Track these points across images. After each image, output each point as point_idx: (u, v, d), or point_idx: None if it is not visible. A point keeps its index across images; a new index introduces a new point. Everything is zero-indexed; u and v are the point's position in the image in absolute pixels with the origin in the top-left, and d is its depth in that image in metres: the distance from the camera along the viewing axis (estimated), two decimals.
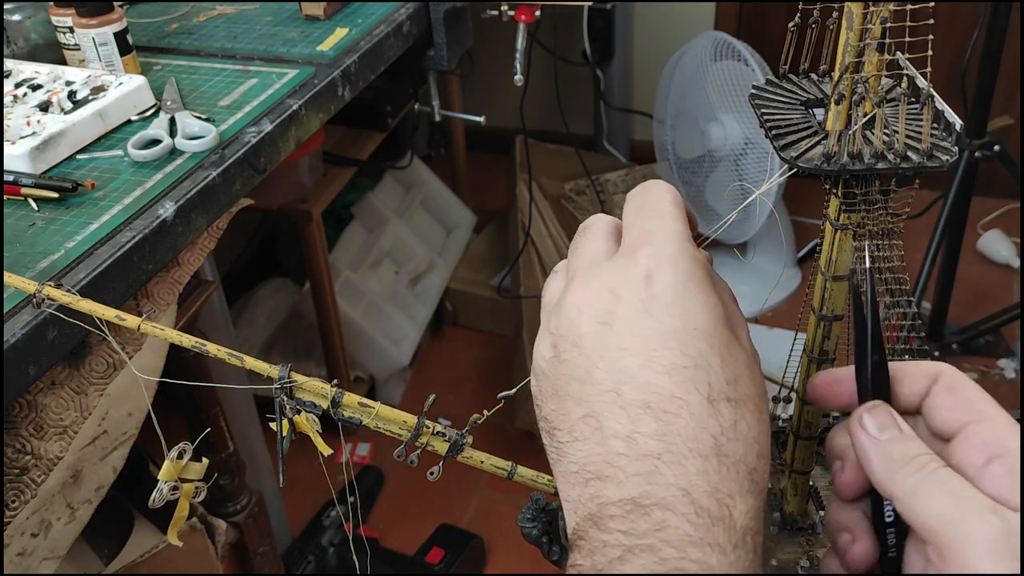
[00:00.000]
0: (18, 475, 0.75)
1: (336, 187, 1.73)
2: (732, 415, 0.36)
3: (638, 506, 0.35)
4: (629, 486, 0.36)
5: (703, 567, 0.34)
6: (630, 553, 0.34)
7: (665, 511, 0.35)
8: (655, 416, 0.36)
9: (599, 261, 0.41)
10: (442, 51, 1.31)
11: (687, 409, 0.36)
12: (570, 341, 0.39)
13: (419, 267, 2.17)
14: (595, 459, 0.37)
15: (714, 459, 0.36)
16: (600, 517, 0.36)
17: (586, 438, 0.38)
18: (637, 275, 0.38)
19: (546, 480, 0.48)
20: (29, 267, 0.75)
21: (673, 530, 0.34)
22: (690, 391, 0.36)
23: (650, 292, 0.38)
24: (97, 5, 0.99)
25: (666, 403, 0.36)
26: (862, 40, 0.40)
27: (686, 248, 0.39)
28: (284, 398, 0.45)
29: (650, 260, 0.39)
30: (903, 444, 0.37)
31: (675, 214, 0.41)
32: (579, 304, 0.39)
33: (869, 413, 0.39)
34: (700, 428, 0.36)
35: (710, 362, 0.37)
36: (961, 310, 2.05)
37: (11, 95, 0.96)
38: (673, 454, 0.36)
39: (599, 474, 0.37)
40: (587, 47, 2.28)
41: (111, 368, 0.80)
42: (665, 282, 0.38)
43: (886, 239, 0.45)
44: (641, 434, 0.36)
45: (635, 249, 0.39)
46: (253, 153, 0.93)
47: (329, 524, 1.71)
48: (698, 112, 1.97)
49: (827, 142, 0.42)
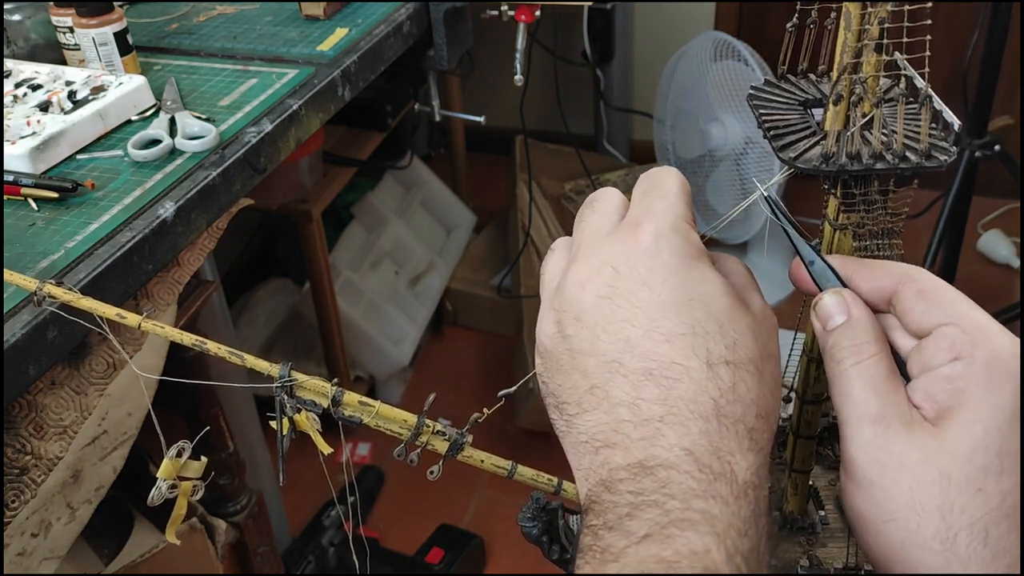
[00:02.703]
0: (18, 475, 0.75)
1: (336, 187, 1.73)
2: (731, 378, 0.38)
3: (644, 468, 0.37)
4: (635, 450, 0.37)
5: (706, 516, 0.35)
6: (637, 509, 0.36)
7: (669, 470, 0.36)
8: (656, 382, 0.38)
9: (601, 236, 0.42)
10: (442, 51, 1.31)
11: (687, 374, 0.38)
12: (573, 316, 0.40)
13: (419, 267, 2.17)
14: (603, 428, 0.39)
15: (714, 420, 0.37)
16: (611, 481, 0.37)
17: (594, 408, 0.39)
18: (637, 249, 0.40)
19: (546, 479, 0.48)
20: (29, 267, 0.75)
21: (677, 486, 0.36)
22: (689, 356, 0.38)
23: (648, 266, 0.39)
24: (97, 5, 0.99)
25: (667, 369, 0.38)
26: (860, 40, 0.40)
27: (683, 227, 0.41)
28: (285, 397, 0.45)
29: (649, 235, 0.40)
30: (838, 334, 0.41)
31: (679, 196, 0.42)
32: (581, 279, 0.41)
33: (822, 303, 0.42)
34: (700, 391, 0.37)
35: (707, 328, 0.38)
36: None
37: (11, 95, 0.96)
38: (675, 416, 0.37)
39: (607, 441, 0.38)
40: (587, 47, 2.28)
41: (111, 368, 0.80)
42: (663, 257, 0.39)
43: (886, 239, 0.45)
44: (644, 400, 0.38)
45: (636, 224, 0.41)
46: (253, 153, 0.93)
47: (329, 524, 1.71)
48: (698, 112, 1.97)
49: (825, 142, 0.42)
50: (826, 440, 0.57)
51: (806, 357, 0.49)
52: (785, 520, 0.53)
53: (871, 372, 0.39)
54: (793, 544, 0.53)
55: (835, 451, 0.57)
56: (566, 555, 0.52)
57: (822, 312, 0.42)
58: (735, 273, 0.43)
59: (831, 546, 0.52)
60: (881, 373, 0.39)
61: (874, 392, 0.39)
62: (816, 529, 0.53)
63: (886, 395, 0.38)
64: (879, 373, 0.39)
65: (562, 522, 0.52)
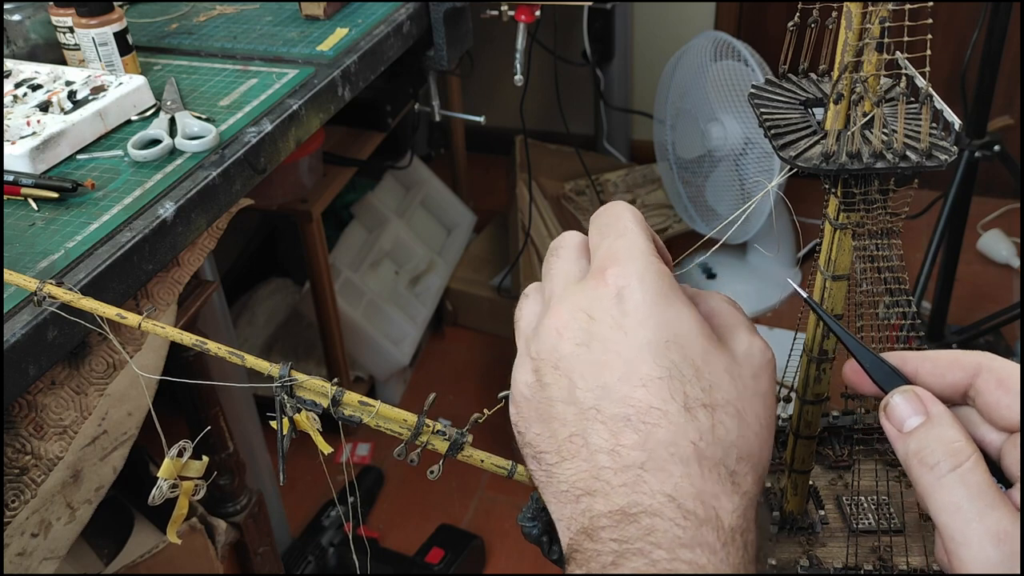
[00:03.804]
0: (18, 475, 0.75)
1: (336, 187, 1.73)
2: (709, 420, 0.37)
3: (626, 515, 0.36)
4: (616, 497, 0.37)
5: (694, 567, 0.34)
6: (622, 558, 0.35)
7: (652, 517, 0.36)
8: (635, 428, 0.37)
9: (572, 282, 0.42)
10: (442, 51, 1.31)
11: (666, 418, 0.37)
12: (551, 364, 0.40)
13: (419, 267, 2.17)
14: (583, 475, 0.38)
15: (695, 463, 0.37)
16: (592, 529, 0.37)
17: (573, 456, 0.39)
18: (608, 294, 0.39)
19: None
20: (29, 267, 0.75)
21: (662, 534, 0.35)
22: (667, 400, 0.37)
23: (622, 309, 0.39)
24: (97, 5, 0.99)
25: (644, 414, 0.37)
26: (861, 40, 0.40)
27: (651, 263, 0.40)
28: (285, 397, 0.45)
29: (618, 279, 0.40)
30: (921, 437, 0.38)
31: (637, 231, 0.42)
32: (557, 327, 0.40)
33: (891, 404, 0.39)
34: (680, 435, 0.37)
35: (683, 372, 0.38)
36: (961, 310, 2.05)
37: (11, 95, 0.96)
38: (655, 461, 0.37)
39: (588, 489, 0.38)
40: (587, 47, 2.28)
41: (111, 368, 0.80)
42: (635, 299, 0.39)
43: (885, 238, 0.45)
44: (623, 446, 0.37)
45: (603, 269, 0.40)
46: (253, 153, 0.93)
47: (329, 524, 1.71)
48: (698, 112, 1.97)
49: (826, 142, 0.42)
50: (826, 440, 0.57)
51: (806, 357, 0.49)
52: (785, 520, 0.53)
53: (976, 479, 0.36)
54: (793, 544, 0.53)
55: (835, 451, 0.57)
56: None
57: (894, 414, 0.39)
58: (719, 313, 0.42)
59: (831, 546, 0.52)
60: (985, 478, 0.36)
61: (988, 504, 0.35)
62: (816, 529, 0.53)
63: (1001, 505, 0.35)
64: (984, 479, 0.36)
65: None
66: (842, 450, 0.57)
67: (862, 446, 0.56)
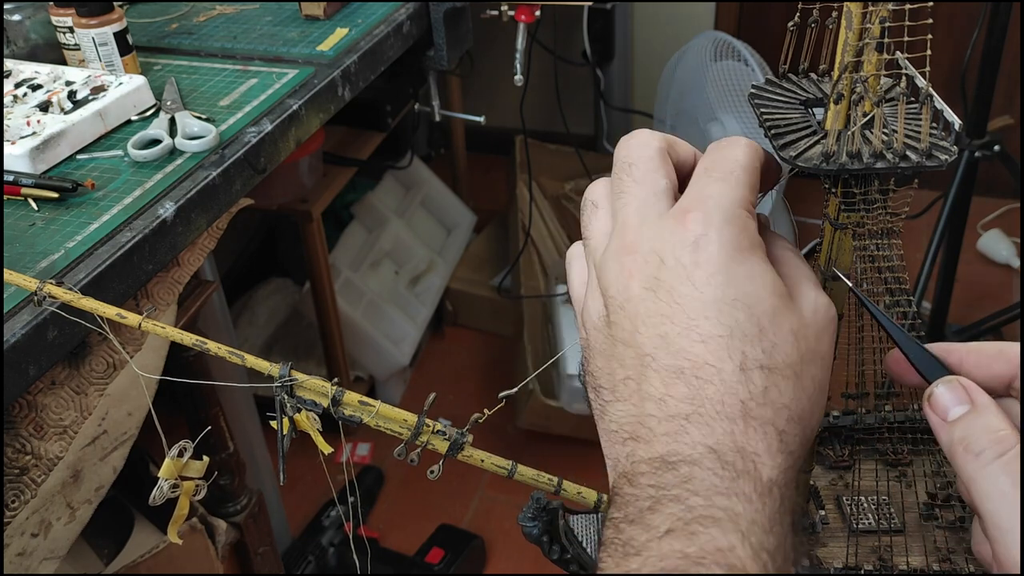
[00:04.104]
0: (18, 475, 0.75)
1: (336, 187, 1.73)
2: (764, 382, 0.37)
3: (665, 463, 0.36)
4: (657, 444, 0.37)
5: (729, 514, 0.34)
6: (658, 503, 0.35)
7: (691, 466, 0.36)
8: (686, 381, 0.37)
9: (649, 215, 0.41)
10: (442, 51, 1.31)
11: (718, 376, 0.37)
12: (618, 304, 0.40)
13: (419, 267, 2.17)
14: (630, 419, 0.39)
15: (741, 422, 0.37)
16: (632, 475, 0.37)
17: (625, 399, 0.39)
18: (685, 240, 0.39)
19: (546, 479, 0.48)
20: (29, 267, 0.75)
21: (699, 482, 0.35)
22: (723, 359, 0.37)
23: (694, 259, 0.38)
24: (97, 5, 0.99)
25: (698, 369, 0.37)
26: (861, 39, 0.40)
27: (737, 216, 0.39)
28: (285, 396, 0.45)
29: (698, 226, 0.38)
30: (966, 425, 0.38)
31: (741, 180, 0.40)
32: (630, 268, 0.40)
33: (935, 394, 0.39)
34: (730, 393, 0.37)
35: (746, 331, 0.37)
36: (961, 310, 2.05)
37: (11, 95, 0.96)
38: (701, 415, 0.37)
39: (633, 434, 0.38)
40: (587, 47, 2.28)
41: (111, 368, 0.80)
42: (710, 251, 0.38)
43: (885, 238, 0.45)
44: (672, 397, 0.37)
45: (687, 211, 0.39)
46: (253, 153, 0.93)
47: (329, 524, 1.71)
48: (698, 112, 1.97)
49: (826, 141, 0.42)
50: (827, 440, 0.57)
51: None
52: None
53: (1021, 467, 0.36)
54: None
55: (836, 451, 0.57)
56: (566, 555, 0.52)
57: (938, 404, 0.39)
58: (788, 263, 0.41)
59: (831, 546, 0.52)
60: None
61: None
62: (816, 529, 0.53)
63: None
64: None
65: (562, 522, 0.52)
66: (842, 450, 0.57)
67: (863, 446, 0.56)
